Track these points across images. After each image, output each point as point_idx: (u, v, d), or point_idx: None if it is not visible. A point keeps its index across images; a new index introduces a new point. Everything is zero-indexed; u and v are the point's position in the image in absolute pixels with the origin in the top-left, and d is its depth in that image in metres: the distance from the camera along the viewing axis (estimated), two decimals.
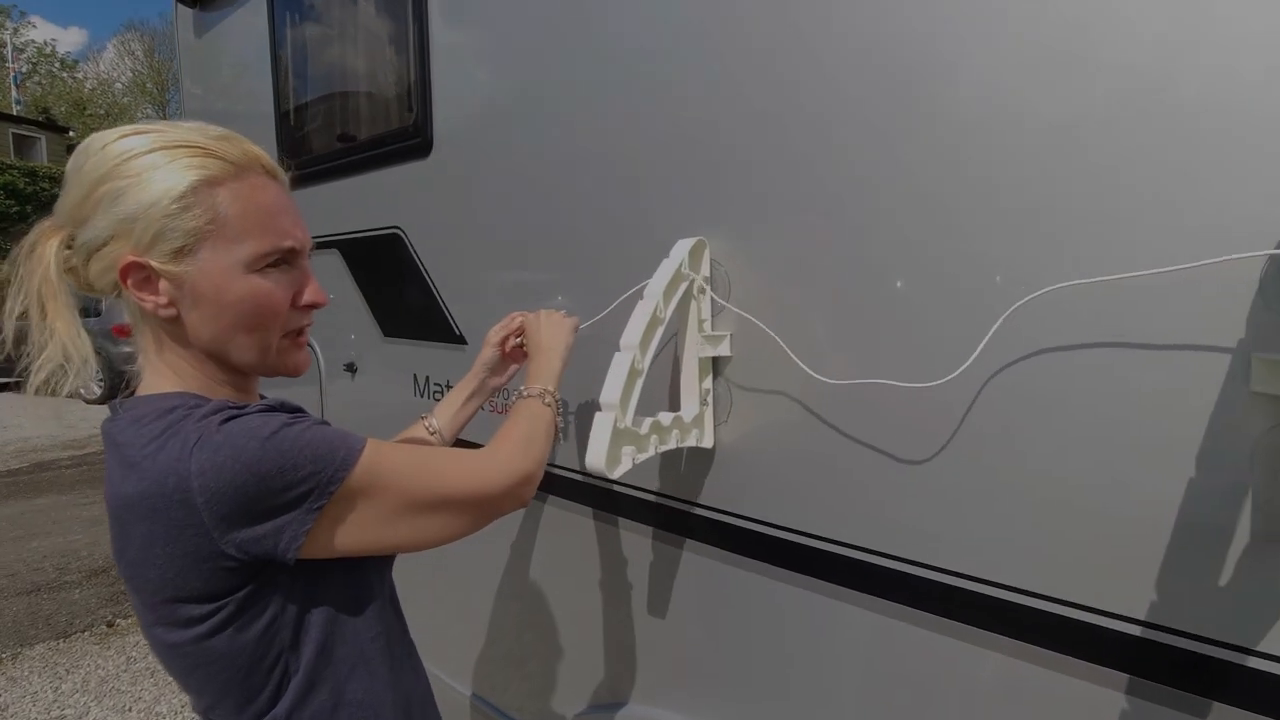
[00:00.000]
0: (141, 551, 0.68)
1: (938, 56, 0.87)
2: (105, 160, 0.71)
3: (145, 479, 0.67)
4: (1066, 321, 0.80)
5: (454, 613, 1.75)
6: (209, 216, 0.71)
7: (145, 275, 0.71)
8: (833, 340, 0.99)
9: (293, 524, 0.68)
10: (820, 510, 1.03)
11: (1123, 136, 0.75)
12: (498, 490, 0.84)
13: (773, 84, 1.02)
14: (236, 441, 0.66)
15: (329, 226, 1.96)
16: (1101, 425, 0.78)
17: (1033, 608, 0.84)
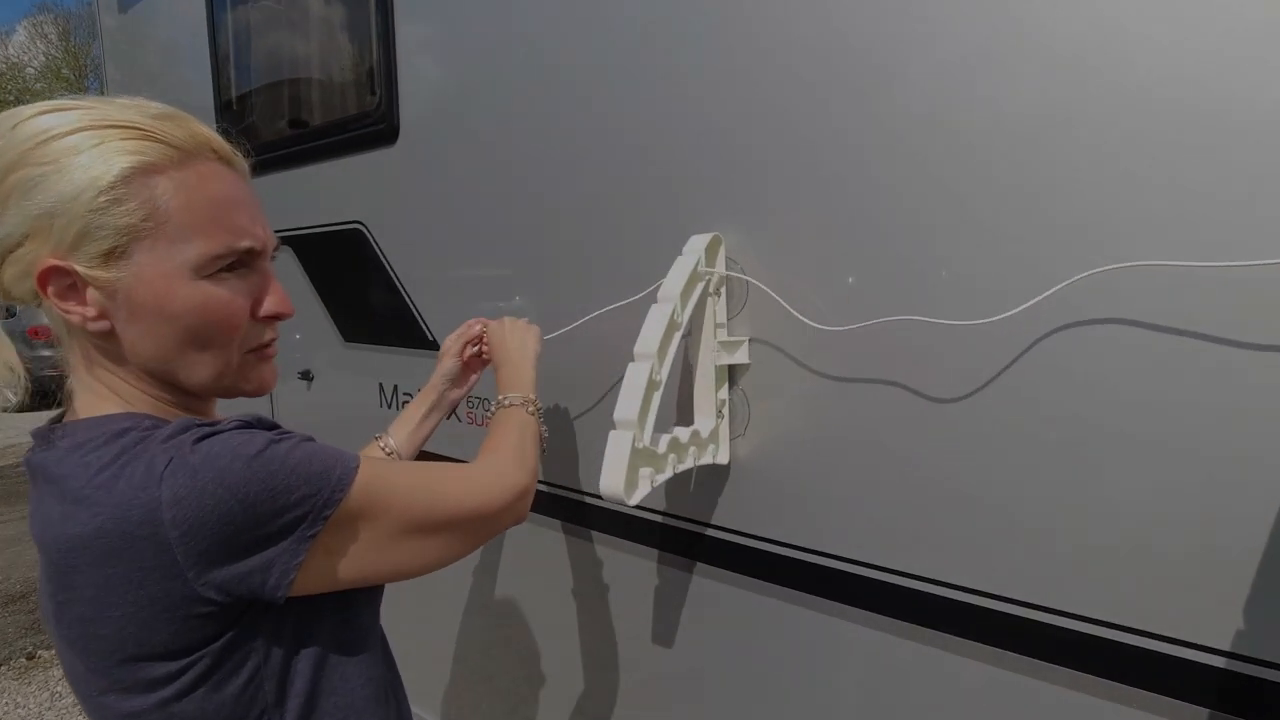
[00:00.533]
0: (94, 604, 0.57)
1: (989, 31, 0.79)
2: (16, 142, 0.57)
3: (100, 514, 0.55)
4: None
5: (438, 648, 1.61)
6: (145, 211, 0.59)
7: (69, 282, 0.59)
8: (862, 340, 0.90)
9: (283, 556, 0.59)
10: (848, 530, 0.95)
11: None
12: (498, 506, 0.78)
13: (791, 53, 0.93)
14: (218, 463, 0.56)
15: (280, 221, 1.78)
16: (1191, 436, 0.71)
17: (1099, 637, 0.77)
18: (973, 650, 0.86)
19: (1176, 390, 0.71)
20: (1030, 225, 0.78)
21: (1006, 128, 0.78)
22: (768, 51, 0.95)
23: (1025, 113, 0.77)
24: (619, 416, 0.86)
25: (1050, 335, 0.77)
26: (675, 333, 0.92)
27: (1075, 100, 0.74)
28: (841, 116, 0.90)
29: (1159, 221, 0.71)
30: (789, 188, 0.95)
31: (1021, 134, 0.77)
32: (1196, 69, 0.68)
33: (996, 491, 0.82)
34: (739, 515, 1.06)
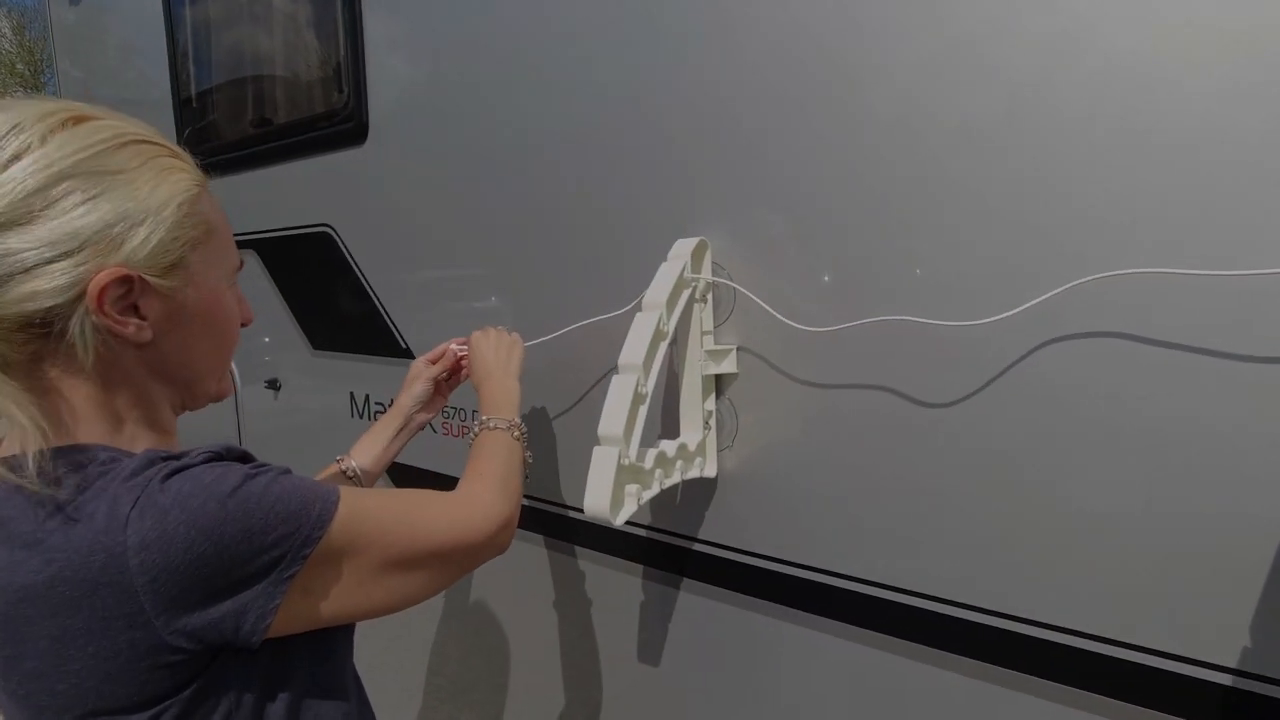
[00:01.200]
0: (50, 656, 0.53)
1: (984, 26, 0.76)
2: (61, 152, 0.54)
3: (55, 561, 0.52)
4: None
5: (416, 665, 1.55)
6: (205, 225, 0.62)
7: (124, 292, 0.57)
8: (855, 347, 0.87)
9: (259, 600, 0.55)
10: (837, 544, 0.92)
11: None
12: (480, 538, 0.74)
13: (772, 55, 0.90)
14: (190, 503, 0.53)
15: (243, 224, 1.71)
16: (1195, 451, 0.69)
17: (1083, 650, 0.75)
18: (966, 667, 0.84)
19: (1172, 398, 0.69)
20: (1027, 227, 0.75)
21: (996, 129, 0.76)
22: (750, 52, 0.92)
23: (1014, 113, 0.74)
24: (603, 432, 0.82)
25: (1046, 338, 0.75)
26: (661, 342, 0.89)
27: (1065, 101, 0.72)
28: (825, 118, 0.87)
29: (1156, 227, 0.68)
30: (775, 189, 0.92)
31: (1012, 135, 0.75)
32: (1191, 73, 0.66)
33: (991, 502, 0.80)
34: (726, 529, 1.03)
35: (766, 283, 0.94)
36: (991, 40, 0.76)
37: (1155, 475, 0.70)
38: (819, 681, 0.96)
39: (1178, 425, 0.69)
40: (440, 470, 1.39)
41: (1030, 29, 0.73)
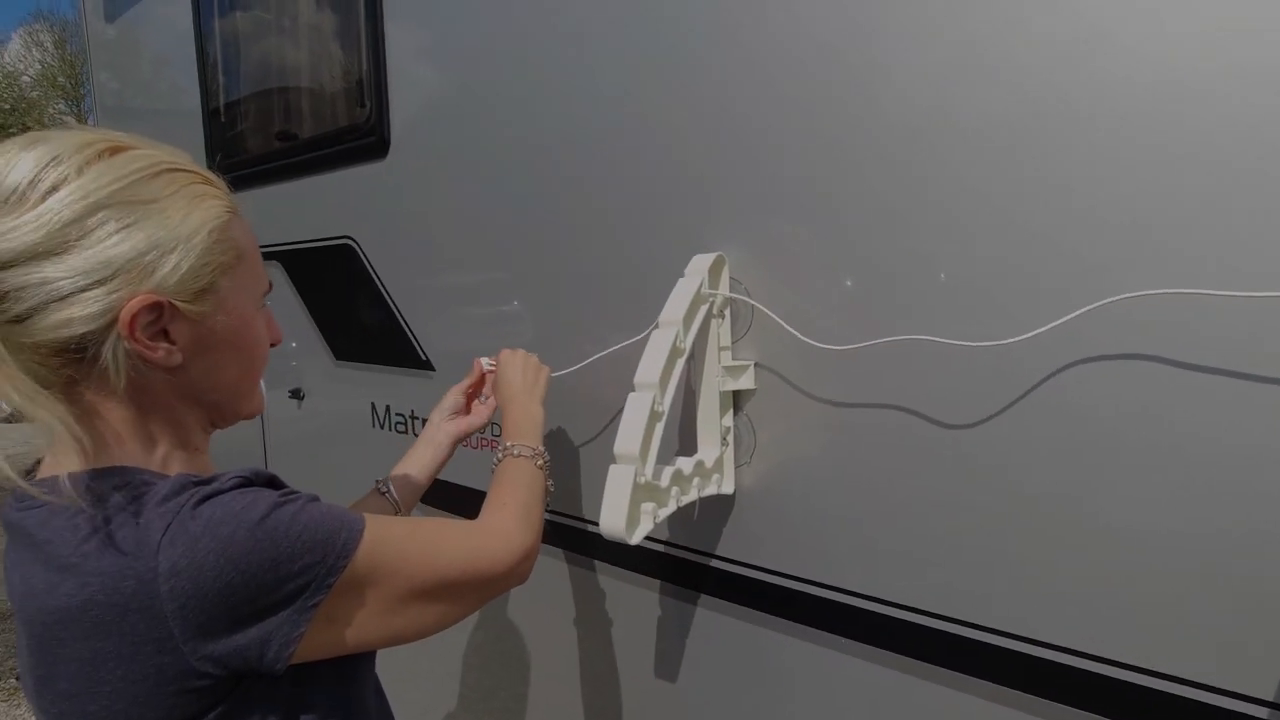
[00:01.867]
0: (81, 678, 0.54)
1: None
2: (97, 184, 0.55)
3: (89, 585, 0.53)
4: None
5: (436, 675, 1.56)
6: (235, 250, 0.63)
7: (155, 318, 0.58)
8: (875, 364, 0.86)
9: (284, 627, 0.56)
10: (855, 563, 0.90)
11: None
12: (502, 569, 0.74)
13: (792, 69, 0.89)
14: (220, 531, 0.54)
15: (268, 235, 1.73)
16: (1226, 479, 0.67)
17: (1106, 676, 0.73)
18: (984, 690, 0.82)
19: (1198, 420, 0.66)
20: (1051, 245, 0.73)
21: (1019, 145, 0.74)
22: (770, 65, 0.91)
23: (1040, 129, 0.73)
24: (619, 450, 0.82)
25: (1070, 358, 0.73)
26: (678, 360, 0.88)
27: (1092, 117, 0.70)
28: (844, 132, 0.85)
29: (1184, 246, 0.66)
30: (793, 203, 0.91)
31: (1037, 151, 0.73)
32: (1226, 89, 0.64)
33: (1011, 523, 0.78)
34: (744, 546, 1.01)
35: (785, 298, 0.93)
36: (1014, 55, 0.74)
37: (1182, 495, 0.68)
38: (835, 701, 0.95)
39: (1204, 445, 0.67)
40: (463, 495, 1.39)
41: (1057, 36, 0.72)
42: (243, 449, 1.95)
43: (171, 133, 2.06)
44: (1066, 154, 0.72)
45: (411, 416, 1.50)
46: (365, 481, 1.07)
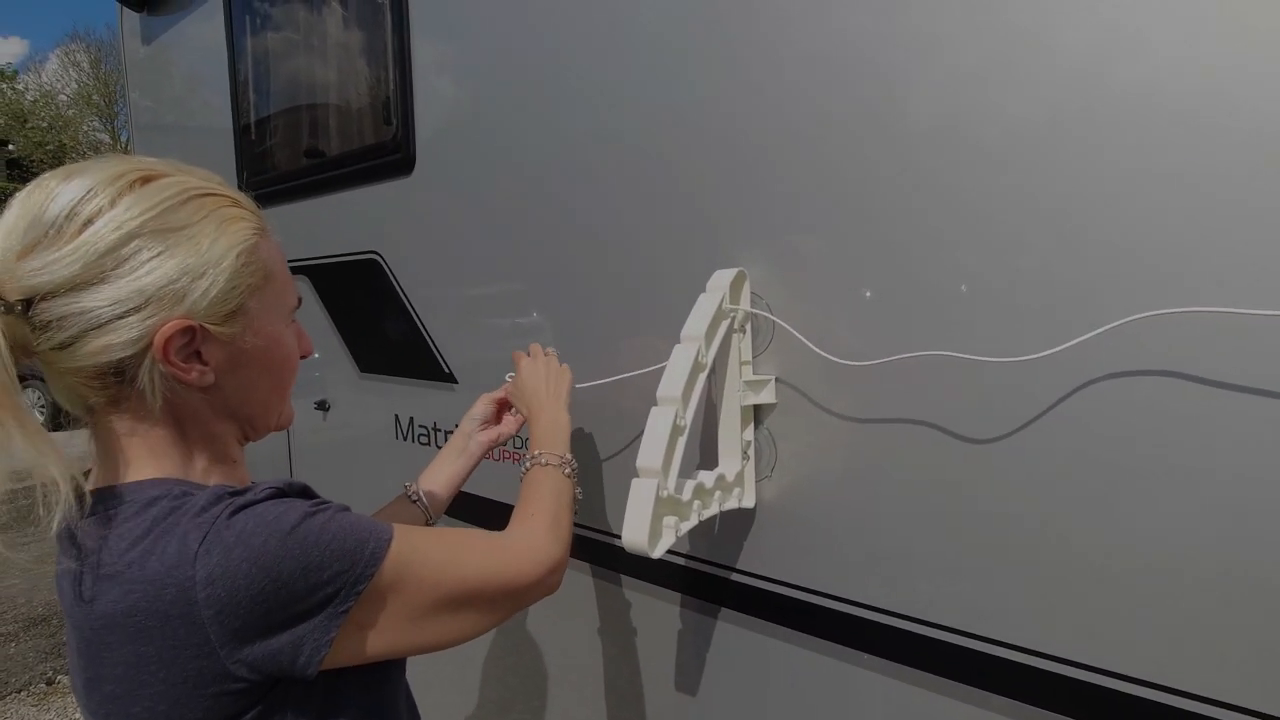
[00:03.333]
0: (126, 681, 0.57)
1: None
2: (130, 214, 0.57)
3: (132, 593, 0.55)
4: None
5: (459, 682, 1.57)
6: (263, 271, 0.65)
7: (187, 341, 0.61)
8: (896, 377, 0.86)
9: (315, 633, 0.58)
10: (875, 578, 0.90)
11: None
12: (529, 580, 0.75)
13: (816, 84, 0.90)
14: (253, 541, 0.56)
15: (296, 250, 1.77)
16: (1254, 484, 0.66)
17: (1123, 693, 0.72)
18: (1011, 709, 0.81)
19: (1223, 436, 0.66)
20: (1074, 264, 0.73)
21: (1040, 161, 0.74)
22: (792, 81, 0.92)
23: (1059, 147, 0.73)
24: (641, 464, 0.82)
25: (1089, 375, 0.73)
26: (700, 374, 0.89)
27: (1108, 138, 0.70)
28: (865, 149, 0.86)
29: (1204, 265, 0.66)
30: (813, 219, 0.92)
31: (1057, 168, 0.73)
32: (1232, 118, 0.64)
33: (1036, 538, 0.77)
34: (764, 560, 1.01)
35: (805, 313, 0.93)
36: (1035, 69, 0.74)
37: (1204, 515, 0.67)
38: (855, 716, 0.94)
39: (1222, 462, 0.66)
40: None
41: (1075, 47, 0.72)
42: (269, 459, 1.98)
43: (203, 149, 2.12)
44: (1084, 171, 0.72)
45: (434, 428, 1.52)
46: (389, 492, 1.09)
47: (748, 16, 0.96)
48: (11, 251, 0.56)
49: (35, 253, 0.56)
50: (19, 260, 0.56)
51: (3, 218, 0.58)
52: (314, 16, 1.71)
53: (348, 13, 1.64)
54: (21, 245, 0.56)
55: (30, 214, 0.57)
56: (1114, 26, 0.70)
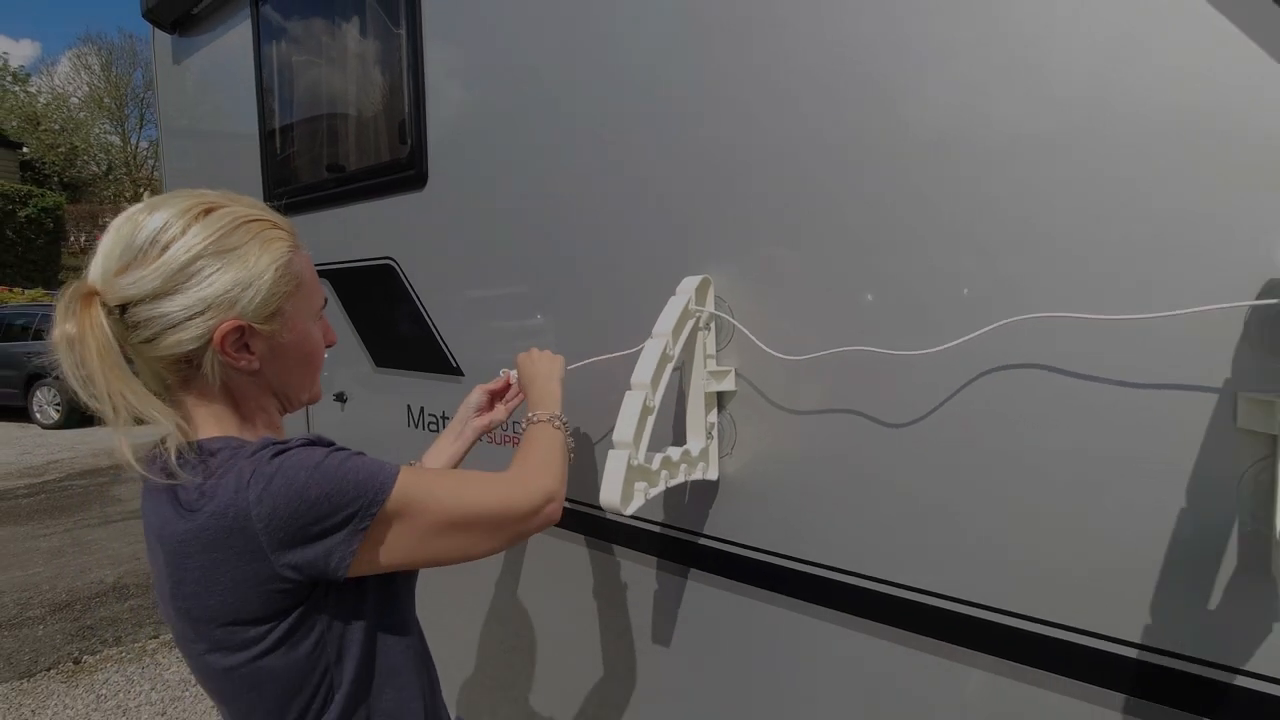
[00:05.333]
0: (202, 581, 0.73)
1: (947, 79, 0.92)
2: (196, 239, 0.74)
3: (205, 516, 0.72)
4: (1068, 354, 0.84)
5: (451, 643, 1.74)
6: (295, 280, 0.82)
7: (241, 337, 0.78)
8: (833, 366, 1.03)
9: (341, 545, 0.74)
10: (824, 539, 1.07)
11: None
12: (524, 509, 0.90)
13: (772, 127, 1.07)
14: (288, 473, 0.73)
15: (319, 256, 1.95)
16: (1106, 455, 0.83)
17: (1032, 633, 0.88)
18: (929, 646, 0.97)
19: (1087, 417, 0.82)
20: (968, 276, 0.90)
21: (939, 181, 0.91)
22: (753, 130, 1.09)
23: (950, 172, 0.90)
24: (617, 438, 0.99)
25: (979, 368, 0.89)
26: (668, 364, 1.06)
27: (1015, 160, 0.87)
28: (807, 181, 1.03)
29: (1069, 276, 0.83)
30: (766, 237, 1.09)
31: (953, 188, 0.90)
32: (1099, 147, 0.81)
33: (940, 502, 0.94)
34: (727, 526, 1.18)
35: (759, 315, 1.10)
36: (938, 97, 0.91)
37: (1057, 479, 0.84)
38: (809, 662, 1.10)
39: (1073, 436, 0.83)
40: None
41: (971, 71, 0.89)
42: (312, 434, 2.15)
43: (231, 160, 2.30)
44: (973, 195, 0.89)
45: (443, 418, 1.69)
46: None
47: (728, 65, 1.13)
48: (110, 270, 0.74)
49: (128, 271, 0.73)
50: (116, 277, 0.73)
51: (102, 243, 0.76)
52: (335, 43, 1.89)
53: (367, 41, 1.81)
54: (118, 265, 0.74)
55: (123, 241, 0.74)
56: (1007, 42, 0.87)
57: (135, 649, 3.56)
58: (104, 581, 4.39)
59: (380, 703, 0.83)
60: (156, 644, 3.61)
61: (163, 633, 3.71)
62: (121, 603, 4.10)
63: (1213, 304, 0.73)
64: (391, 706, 0.84)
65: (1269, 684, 0.74)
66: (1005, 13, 0.86)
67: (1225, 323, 0.74)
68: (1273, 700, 0.74)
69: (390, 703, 0.84)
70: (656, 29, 1.20)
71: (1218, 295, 0.74)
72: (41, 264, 17.56)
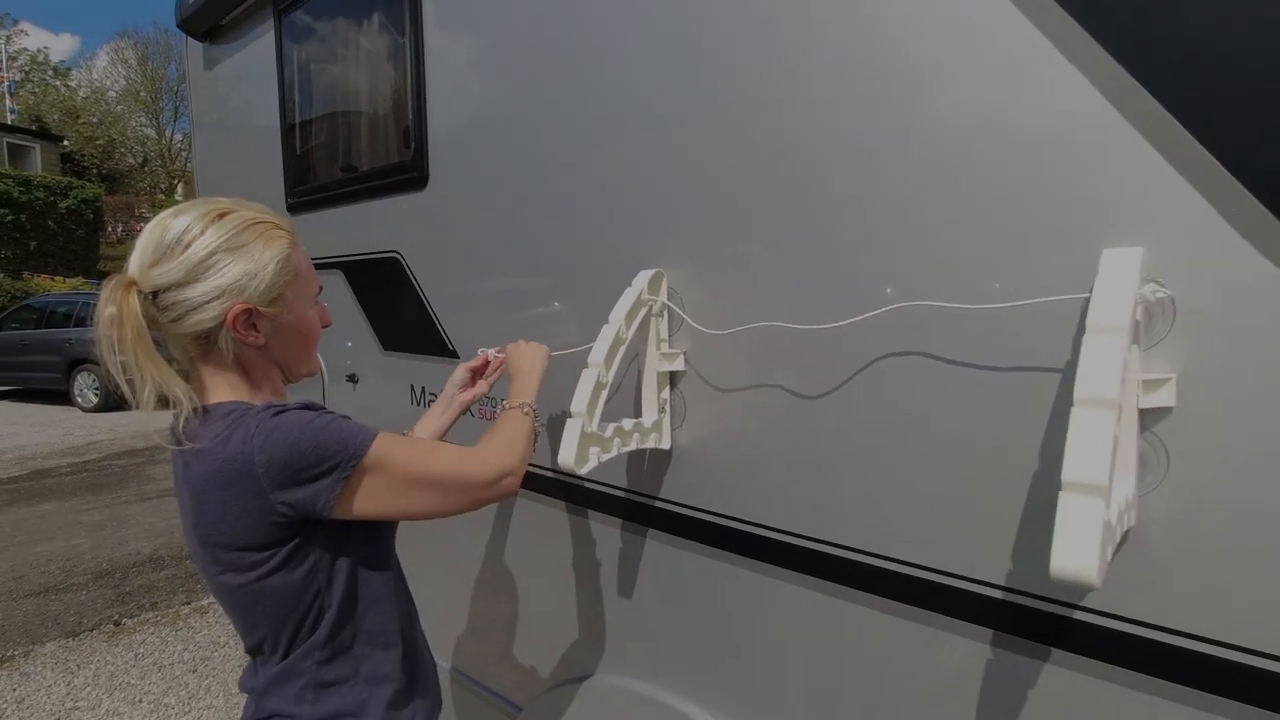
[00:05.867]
0: (218, 513, 0.91)
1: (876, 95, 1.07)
2: (214, 237, 0.92)
3: (217, 460, 0.90)
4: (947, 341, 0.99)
5: (442, 597, 1.93)
6: (294, 271, 0.99)
7: (249, 318, 0.95)
8: (766, 351, 1.18)
9: (326, 490, 0.91)
10: (761, 501, 1.22)
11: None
12: (483, 479, 1.05)
13: (724, 145, 1.22)
14: (284, 429, 0.90)
15: (333, 249, 2.14)
16: (985, 424, 0.97)
17: (916, 577, 1.03)
18: (822, 586, 1.13)
19: (959, 391, 0.97)
20: (865, 271, 1.05)
21: (834, 197, 1.06)
22: (692, 131, 1.24)
23: (847, 169, 1.04)
24: (572, 409, 1.16)
25: (867, 344, 1.04)
26: (620, 347, 1.22)
27: (890, 160, 1.01)
28: (736, 193, 1.18)
29: (950, 269, 0.97)
30: (705, 240, 1.24)
31: (850, 186, 1.05)
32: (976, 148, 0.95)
33: (831, 462, 1.09)
34: (678, 490, 1.34)
35: (703, 304, 1.26)
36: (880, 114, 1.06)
37: (938, 448, 0.99)
38: (750, 608, 1.26)
39: (951, 412, 0.97)
40: None
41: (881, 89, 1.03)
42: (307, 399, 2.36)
43: (256, 160, 2.50)
44: (864, 193, 1.03)
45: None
46: None
47: (695, 84, 1.28)
48: (145, 264, 0.92)
49: (158, 264, 0.92)
50: (149, 269, 0.92)
51: (138, 242, 0.94)
52: (349, 52, 2.07)
53: (377, 51, 1.99)
54: (150, 260, 0.92)
55: (155, 240, 0.93)
56: (912, 62, 1.01)
57: (170, 614, 3.83)
58: (141, 553, 4.69)
59: (365, 623, 1.00)
60: (189, 609, 3.87)
61: (195, 599, 3.98)
62: (158, 572, 4.38)
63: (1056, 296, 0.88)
64: (374, 627, 1.01)
65: (1090, 614, 0.89)
66: (904, 42, 1.00)
67: (1065, 311, 0.88)
68: (1087, 626, 0.89)
69: (373, 624, 1.01)
70: (634, 43, 1.35)
71: (1064, 289, 0.88)
72: (81, 254, 18.21)
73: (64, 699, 3.04)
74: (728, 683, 1.31)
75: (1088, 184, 0.87)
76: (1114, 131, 0.84)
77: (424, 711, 1.07)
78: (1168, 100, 0.81)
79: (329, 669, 0.97)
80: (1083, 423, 0.73)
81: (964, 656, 1.00)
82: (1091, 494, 0.69)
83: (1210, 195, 0.79)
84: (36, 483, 6.46)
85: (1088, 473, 0.70)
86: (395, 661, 1.03)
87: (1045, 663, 0.94)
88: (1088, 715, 0.91)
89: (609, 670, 1.51)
